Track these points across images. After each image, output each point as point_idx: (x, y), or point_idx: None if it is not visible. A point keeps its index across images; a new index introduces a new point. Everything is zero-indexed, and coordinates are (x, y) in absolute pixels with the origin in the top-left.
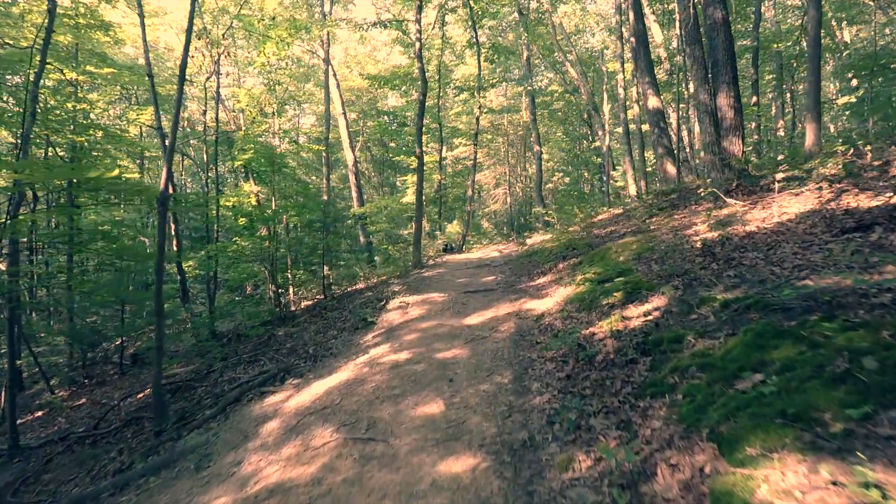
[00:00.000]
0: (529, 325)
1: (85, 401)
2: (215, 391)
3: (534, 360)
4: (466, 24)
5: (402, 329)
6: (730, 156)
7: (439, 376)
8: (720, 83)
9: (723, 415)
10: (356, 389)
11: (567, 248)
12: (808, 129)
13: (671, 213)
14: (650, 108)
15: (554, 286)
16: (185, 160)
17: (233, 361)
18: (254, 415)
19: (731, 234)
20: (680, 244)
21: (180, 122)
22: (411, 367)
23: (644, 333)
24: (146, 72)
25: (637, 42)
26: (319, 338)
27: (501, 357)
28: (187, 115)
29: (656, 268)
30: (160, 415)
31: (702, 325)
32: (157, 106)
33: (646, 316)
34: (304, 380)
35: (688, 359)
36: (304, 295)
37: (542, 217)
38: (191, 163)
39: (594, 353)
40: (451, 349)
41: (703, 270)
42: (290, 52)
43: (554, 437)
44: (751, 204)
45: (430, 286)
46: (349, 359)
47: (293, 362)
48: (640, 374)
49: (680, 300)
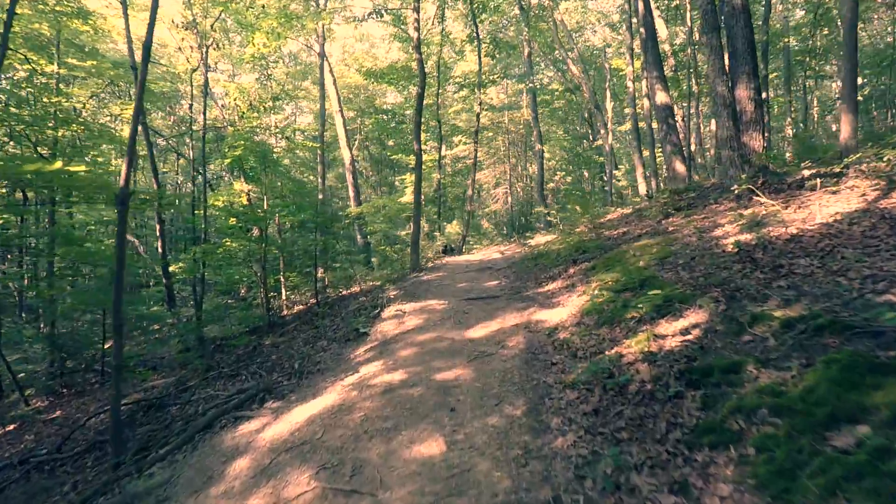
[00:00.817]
0: (541, 341)
1: (60, 413)
2: (189, 411)
3: (550, 387)
4: (466, 19)
5: (398, 342)
6: (750, 151)
7: (439, 404)
8: (739, 73)
9: (824, 487)
10: (342, 419)
11: (576, 251)
12: (843, 122)
13: (689, 213)
14: (658, 104)
15: (566, 294)
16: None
17: (213, 376)
18: (224, 446)
19: (769, 237)
20: (708, 247)
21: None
22: (406, 392)
23: (687, 358)
24: (130, 64)
25: (647, 34)
26: (308, 349)
27: (511, 380)
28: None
29: (685, 275)
30: (118, 445)
31: (761, 351)
32: (142, 99)
33: (684, 335)
34: (286, 402)
35: (753, 396)
36: (297, 299)
37: (545, 217)
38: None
39: (625, 381)
40: (452, 369)
41: (745, 279)
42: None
43: (587, 501)
44: (782, 203)
45: (429, 292)
46: (337, 377)
47: (276, 379)
48: (689, 413)
49: (725, 316)
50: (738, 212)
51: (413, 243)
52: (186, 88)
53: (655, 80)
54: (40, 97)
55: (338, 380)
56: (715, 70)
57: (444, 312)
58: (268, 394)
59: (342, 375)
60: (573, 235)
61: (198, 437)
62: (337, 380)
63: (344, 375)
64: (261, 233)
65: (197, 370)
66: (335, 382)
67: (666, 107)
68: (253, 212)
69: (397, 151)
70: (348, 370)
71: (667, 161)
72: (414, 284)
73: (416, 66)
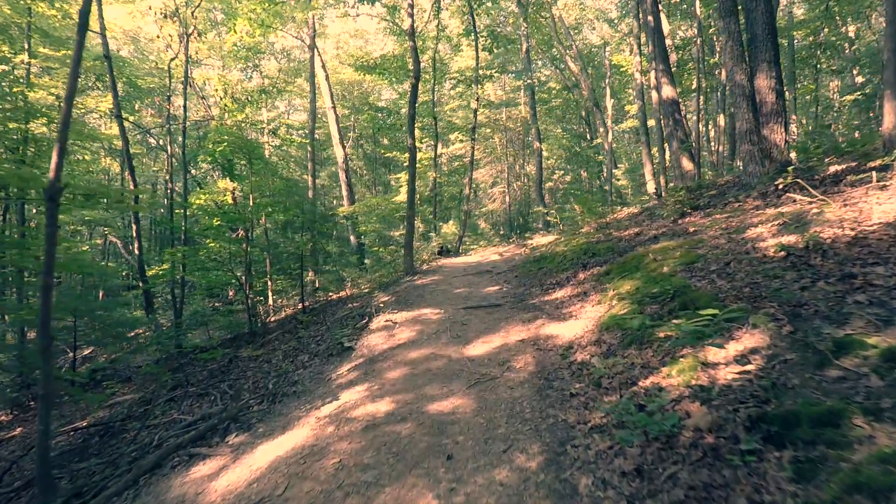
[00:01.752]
0: (554, 362)
1: (20, 430)
2: (144, 439)
3: (572, 428)
4: (463, 15)
5: (386, 360)
6: (771, 145)
7: (432, 447)
8: (759, 62)
9: None
10: (312, 467)
11: (585, 254)
12: (886, 110)
13: (709, 212)
14: (665, 98)
15: (577, 303)
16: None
17: (179, 395)
18: (169, 497)
19: (822, 239)
20: (743, 250)
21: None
22: (393, 429)
23: (755, 399)
24: (103, 53)
25: (654, 24)
26: (286, 365)
27: (521, 416)
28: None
29: (724, 284)
30: (47, 490)
31: (864, 395)
32: (116, 91)
33: (741, 364)
34: (251, 436)
35: (872, 468)
36: (284, 303)
37: (544, 217)
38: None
39: (673, 426)
40: (448, 397)
41: (805, 291)
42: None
43: None
44: (819, 200)
45: (423, 299)
46: (313, 405)
47: (246, 402)
48: (778, 486)
49: (793, 340)
50: (768, 210)
51: (406, 245)
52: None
53: (662, 73)
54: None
55: (314, 408)
56: (733, 57)
57: (440, 323)
58: (233, 422)
59: (319, 403)
60: (579, 237)
61: (143, 481)
62: (313, 408)
63: (321, 403)
64: (246, 233)
65: (166, 385)
66: (310, 412)
67: (672, 101)
68: (237, 211)
69: (392, 149)
70: (327, 395)
71: (674, 158)
72: (407, 290)
73: (411, 55)
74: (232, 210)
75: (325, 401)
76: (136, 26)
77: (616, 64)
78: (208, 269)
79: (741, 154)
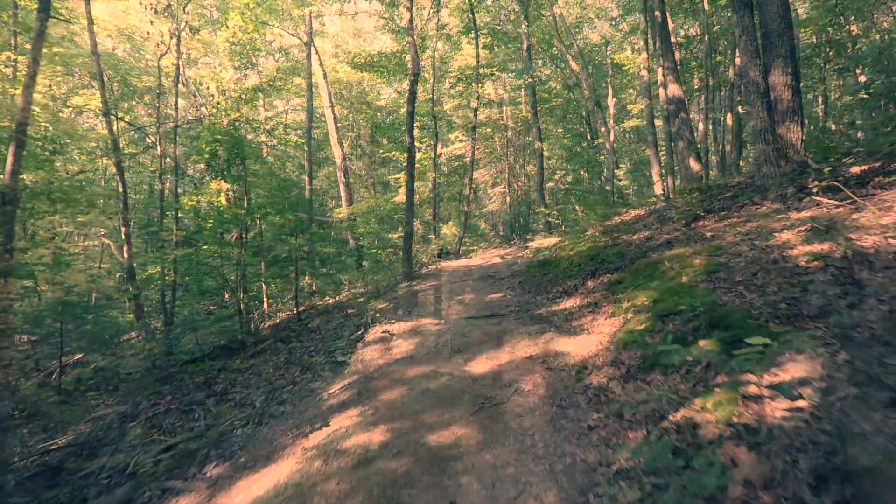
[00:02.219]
0: (567, 385)
1: None
2: (120, 463)
3: (593, 471)
4: (463, 12)
5: (382, 377)
6: (787, 145)
7: (433, 489)
8: (774, 57)
9: None
10: None
11: (592, 260)
12: None
13: (724, 216)
14: (671, 96)
15: (588, 315)
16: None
17: (160, 412)
18: None
19: (862, 249)
20: (770, 259)
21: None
22: (387, 465)
23: (816, 447)
24: (91, 49)
25: (661, 19)
26: (276, 379)
27: (533, 452)
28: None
29: (754, 298)
30: None
31: None
32: (104, 88)
33: (790, 398)
34: (231, 467)
35: None
36: (280, 308)
37: (545, 218)
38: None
39: (719, 481)
40: (450, 425)
41: (854, 310)
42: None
43: None
44: (848, 204)
45: (422, 307)
46: (301, 431)
47: (230, 421)
48: None
49: (853, 370)
50: (790, 214)
51: (405, 250)
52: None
53: (668, 70)
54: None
55: (301, 435)
56: (747, 53)
57: (440, 335)
58: (214, 448)
59: (307, 428)
60: (584, 240)
61: None
62: (300, 435)
63: (309, 429)
64: (240, 236)
65: (151, 399)
66: (297, 440)
67: (678, 99)
68: (230, 212)
69: (391, 149)
70: (316, 420)
71: (680, 158)
72: (405, 296)
73: (409, 51)
74: (225, 211)
75: (313, 426)
76: (129, 24)
77: (618, 63)
78: (201, 273)
79: (755, 154)
